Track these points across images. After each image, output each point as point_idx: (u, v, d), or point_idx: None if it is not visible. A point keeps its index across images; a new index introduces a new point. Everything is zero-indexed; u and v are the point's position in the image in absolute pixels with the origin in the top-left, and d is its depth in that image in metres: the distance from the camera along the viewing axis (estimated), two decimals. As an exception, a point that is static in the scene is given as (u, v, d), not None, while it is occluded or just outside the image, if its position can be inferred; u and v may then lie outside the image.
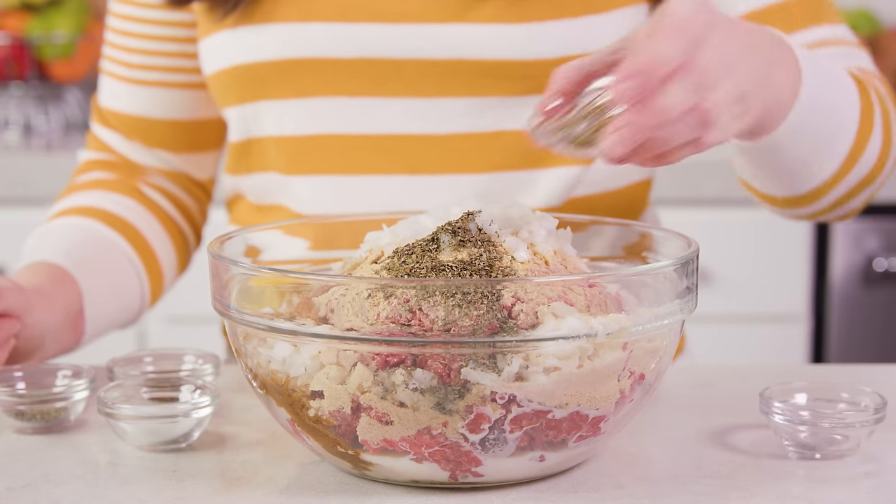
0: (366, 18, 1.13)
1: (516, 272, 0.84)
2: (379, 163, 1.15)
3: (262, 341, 0.86)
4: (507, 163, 1.16)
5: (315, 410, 0.84)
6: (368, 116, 1.15)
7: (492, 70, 1.13)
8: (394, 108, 1.14)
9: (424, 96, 1.14)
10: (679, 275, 0.86)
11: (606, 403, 0.83)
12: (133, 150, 1.28)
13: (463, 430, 0.81)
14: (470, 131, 1.15)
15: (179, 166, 1.29)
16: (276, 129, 1.18)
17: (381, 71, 1.13)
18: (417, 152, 1.15)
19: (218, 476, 0.88)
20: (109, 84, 1.28)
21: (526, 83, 1.13)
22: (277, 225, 1.05)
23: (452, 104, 1.14)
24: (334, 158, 1.16)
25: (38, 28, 2.49)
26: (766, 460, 0.90)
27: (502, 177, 1.16)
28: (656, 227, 0.99)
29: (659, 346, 0.86)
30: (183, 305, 2.21)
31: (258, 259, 1.00)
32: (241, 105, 1.19)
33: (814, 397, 0.94)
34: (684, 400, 1.04)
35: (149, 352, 1.06)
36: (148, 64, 1.25)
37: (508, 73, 1.13)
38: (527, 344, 0.80)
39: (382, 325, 0.80)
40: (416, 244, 0.86)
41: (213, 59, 1.19)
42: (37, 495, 0.85)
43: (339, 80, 1.14)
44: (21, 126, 2.42)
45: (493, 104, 1.14)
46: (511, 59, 1.12)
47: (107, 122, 1.28)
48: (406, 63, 1.13)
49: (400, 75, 1.13)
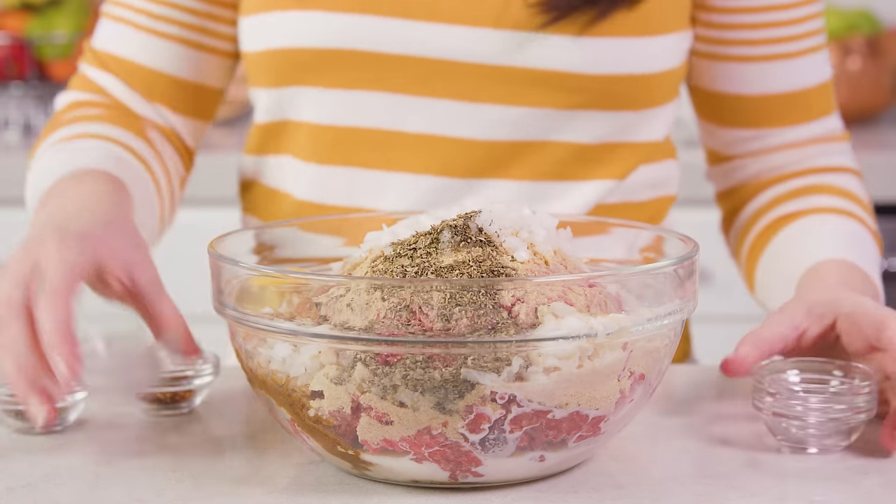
0: (421, 17, 1.12)
1: (516, 272, 0.84)
2: (414, 162, 1.15)
3: (262, 341, 0.86)
4: (546, 173, 1.16)
5: (315, 410, 0.84)
6: (409, 114, 1.14)
7: (542, 80, 1.12)
8: (436, 108, 1.14)
9: (469, 100, 1.13)
10: (679, 275, 0.86)
11: (606, 403, 0.83)
12: (132, 99, 1.22)
13: (463, 430, 0.81)
14: (512, 139, 1.14)
15: (175, 126, 1.24)
16: (311, 117, 1.17)
17: (428, 70, 1.13)
18: (455, 155, 1.14)
19: (218, 476, 0.88)
20: (119, 30, 1.22)
21: (575, 96, 1.13)
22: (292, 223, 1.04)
23: (497, 111, 1.13)
24: (369, 153, 1.15)
25: (37, 28, 2.49)
26: (766, 460, 0.90)
27: (538, 186, 1.16)
28: (656, 227, 0.99)
29: (659, 346, 0.86)
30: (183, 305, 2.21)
31: (272, 256, 1.00)
32: (277, 88, 1.18)
33: (806, 378, 0.94)
34: (684, 399, 1.04)
35: (149, 352, 1.05)
36: (173, 17, 1.20)
37: (559, 84, 1.13)
38: (527, 344, 0.80)
39: (382, 325, 0.80)
40: (416, 244, 0.86)
41: (257, 37, 1.17)
42: (37, 495, 0.85)
43: (384, 75, 1.13)
44: (21, 126, 2.42)
45: (539, 115, 1.14)
46: (563, 70, 1.12)
47: (105, 65, 1.22)
48: (455, 65, 1.12)
49: (448, 77, 1.13)
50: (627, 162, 1.18)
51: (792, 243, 1.16)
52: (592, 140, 1.16)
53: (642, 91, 1.15)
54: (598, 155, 1.16)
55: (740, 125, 1.23)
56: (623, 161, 1.18)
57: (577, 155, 1.16)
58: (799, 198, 1.20)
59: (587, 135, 1.15)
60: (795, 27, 1.20)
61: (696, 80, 1.23)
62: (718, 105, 1.23)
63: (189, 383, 1.01)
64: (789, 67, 1.21)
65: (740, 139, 1.24)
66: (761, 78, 1.21)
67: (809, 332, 0.97)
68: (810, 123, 1.23)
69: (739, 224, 1.25)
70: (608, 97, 1.14)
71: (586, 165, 1.16)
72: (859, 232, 1.16)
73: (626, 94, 1.15)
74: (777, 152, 1.23)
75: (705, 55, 1.21)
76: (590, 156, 1.16)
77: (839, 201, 1.18)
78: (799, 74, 1.21)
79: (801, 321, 0.97)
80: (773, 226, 1.19)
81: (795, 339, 0.97)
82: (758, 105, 1.22)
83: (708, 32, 1.20)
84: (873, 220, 1.20)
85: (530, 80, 1.13)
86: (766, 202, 1.22)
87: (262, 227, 1.02)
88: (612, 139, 1.16)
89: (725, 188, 1.27)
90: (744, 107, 1.22)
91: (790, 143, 1.23)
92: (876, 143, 2.43)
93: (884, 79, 2.59)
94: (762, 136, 1.23)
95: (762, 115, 1.22)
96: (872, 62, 2.56)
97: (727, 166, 1.26)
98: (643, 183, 1.20)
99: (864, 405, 0.90)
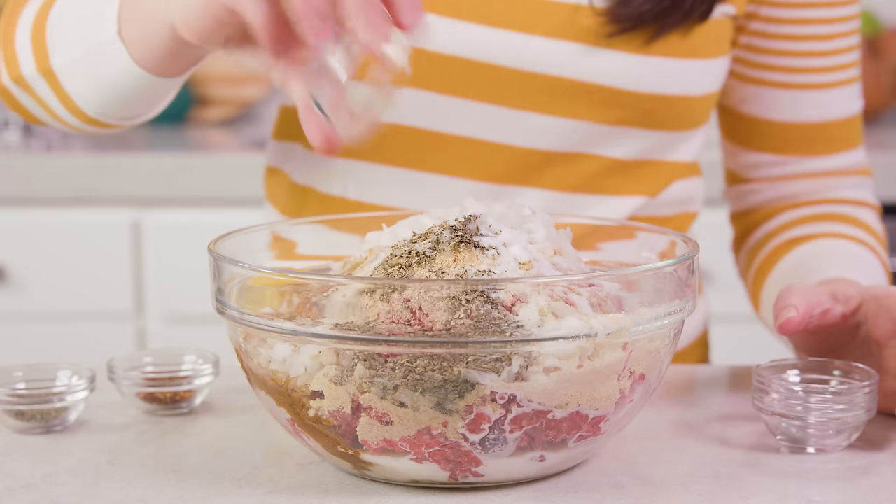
0: (474, 18, 1.11)
1: (516, 272, 0.84)
2: (449, 164, 1.15)
3: (262, 341, 0.86)
4: (581, 185, 1.16)
5: (315, 410, 0.84)
6: (449, 115, 1.14)
7: (587, 94, 1.12)
8: (477, 112, 1.13)
9: (512, 107, 1.13)
10: (679, 275, 0.86)
11: (606, 403, 0.83)
12: None
13: (463, 430, 0.81)
14: (550, 149, 1.14)
15: None
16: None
17: (474, 73, 1.12)
18: (492, 160, 1.14)
19: (218, 476, 0.88)
20: None
21: (618, 112, 1.13)
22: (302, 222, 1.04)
23: (538, 119, 1.13)
24: (404, 151, 1.15)
25: (38, 28, 2.49)
26: (766, 460, 0.90)
27: (571, 197, 1.16)
28: (656, 227, 0.99)
29: (659, 346, 0.86)
30: (183, 305, 2.21)
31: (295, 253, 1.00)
32: None
33: (806, 378, 0.94)
34: (684, 400, 1.04)
35: (149, 351, 1.06)
36: None
37: (603, 99, 1.13)
38: (527, 344, 0.80)
39: (382, 325, 0.80)
40: (416, 244, 0.86)
41: None
42: (37, 495, 0.85)
43: (427, 74, 1.12)
44: (21, 126, 2.42)
45: (580, 128, 1.14)
46: (609, 86, 1.12)
47: None
48: (502, 70, 1.12)
49: (493, 81, 1.12)
50: (660, 180, 1.18)
51: (800, 264, 1.16)
52: (628, 156, 1.16)
53: (683, 112, 1.16)
54: (633, 171, 1.17)
55: (763, 150, 1.23)
56: (656, 179, 1.18)
57: (612, 169, 1.16)
58: (812, 223, 1.20)
59: (624, 151, 1.16)
60: (832, 58, 1.20)
61: (725, 99, 1.24)
62: (744, 127, 1.24)
63: (189, 383, 1.01)
64: (820, 98, 1.21)
65: (761, 164, 1.24)
66: (790, 105, 1.21)
67: (833, 313, 0.97)
68: (833, 156, 1.23)
69: (749, 245, 1.25)
70: (650, 116, 1.14)
71: (620, 180, 1.17)
72: (870, 260, 1.15)
73: (668, 114, 1.15)
74: (795, 180, 1.23)
75: (739, 76, 1.22)
76: (624, 171, 1.16)
77: (853, 230, 1.18)
78: (828, 106, 1.22)
79: (826, 300, 0.97)
80: (783, 247, 1.19)
81: (826, 311, 0.96)
82: (783, 132, 1.22)
83: (746, 55, 1.20)
84: (886, 254, 1.19)
85: (575, 93, 1.12)
86: (778, 225, 1.22)
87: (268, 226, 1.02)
88: (648, 157, 1.17)
89: (739, 209, 1.28)
90: (769, 132, 1.22)
91: (809, 172, 1.23)
92: (876, 143, 2.43)
93: (884, 79, 2.59)
94: (783, 163, 1.23)
95: (786, 142, 1.22)
96: (872, 62, 2.56)
97: (744, 188, 1.26)
98: (671, 199, 1.20)
99: (863, 405, 0.90)
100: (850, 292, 0.97)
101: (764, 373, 0.93)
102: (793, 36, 1.19)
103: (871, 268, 1.14)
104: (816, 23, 1.19)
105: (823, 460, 0.90)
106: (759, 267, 1.21)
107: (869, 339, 0.97)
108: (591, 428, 0.84)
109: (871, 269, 1.14)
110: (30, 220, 2.20)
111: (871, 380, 0.91)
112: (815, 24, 1.19)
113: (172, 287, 2.20)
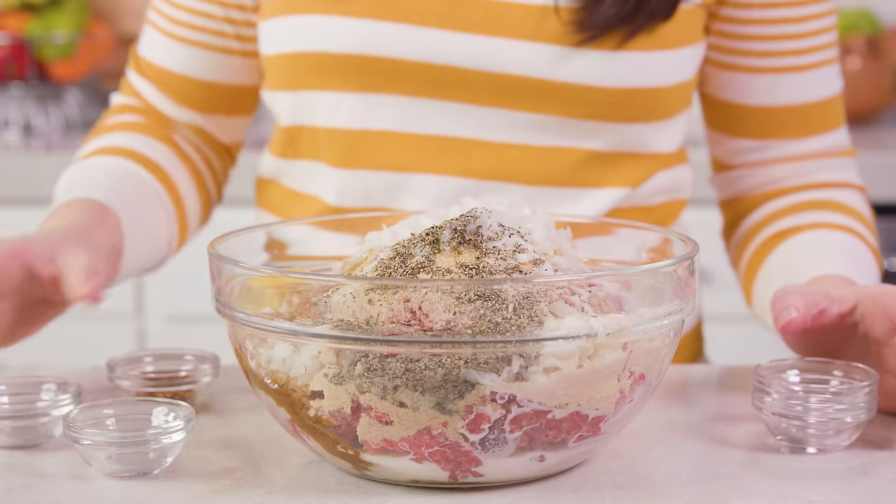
0: (437, 24, 1.13)
1: (516, 272, 0.84)
2: (431, 162, 1.16)
3: (262, 341, 0.86)
4: (560, 178, 1.16)
5: (315, 410, 0.84)
6: (425, 117, 1.15)
7: (557, 92, 1.13)
8: (452, 111, 1.14)
9: (483, 105, 1.14)
10: (679, 275, 0.86)
11: (606, 403, 0.83)
12: (163, 103, 1.27)
13: (463, 430, 0.81)
14: (526, 143, 1.15)
15: (206, 126, 1.28)
16: (329, 121, 1.17)
17: (446, 77, 1.13)
18: (470, 155, 1.15)
19: (218, 476, 0.88)
20: (150, 34, 1.27)
21: (589, 108, 1.14)
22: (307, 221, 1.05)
23: (512, 116, 1.14)
24: (386, 155, 1.16)
25: (38, 28, 2.49)
26: (766, 460, 0.90)
27: (552, 191, 1.16)
28: (656, 227, 0.99)
29: (659, 346, 0.86)
30: (183, 305, 2.21)
31: (286, 254, 1.00)
32: (296, 91, 1.18)
33: (806, 378, 0.94)
34: (684, 399, 1.04)
35: (149, 352, 1.05)
36: (191, 23, 1.23)
37: (573, 96, 1.13)
38: (527, 344, 0.80)
39: (382, 325, 0.80)
40: (416, 244, 0.86)
41: (276, 42, 1.18)
42: (37, 495, 0.85)
43: (401, 80, 1.14)
44: (21, 126, 2.42)
45: (554, 123, 1.14)
46: (578, 83, 1.13)
47: (142, 70, 1.27)
48: (472, 73, 1.13)
49: (462, 84, 1.13)
50: (641, 171, 1.18)
51: (790, 258, 1.15)
52: (606, 148, 1.16)
53: (654, 103, 1.16)
54: (612, 162, 1.17)
55: (744, 135, 1.23)
56: (636, 169, 1.18)
57: (591, 161, 1.16)
58: (799, 213, 1.20)
59: (600, 143, 1.16)
60: (806, 40, 1.20)
61: (704, 87, 1.24)
62: (724, 114, 1.24)
63: (189, 383, 1.01)
64: (797, 80, 1.21)
65: (743, 149, 1.24)
66: (768, 89, 1.21)
67: (829, 313, 0.96)
68: (814, 137, 1.23)
69: (739, 236, 1.25)
70: (621, 109, 1.15)
71: (600, 172, 1.17)
72: (859, 249, 1.15)
73: (639, 107, 1.15)
74: (777, 164, 1.23)
75: (715, 63, 1.22)
76: (603, 163, 1.17)
77: (839, 217, 1.18)
78: (806, 88, 1.21)
79: (822, 300, 0.97)
80: (772, 241, 1.19)
81: (823, 311, 0.96)
82: (762, 116, 1.22)
83: (720, 42, 1.20)
84: (874, 236, 1.19)
85: (545, 92, 1.13)
86: (765, 216, 1.22)
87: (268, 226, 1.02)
88: (626, 148, 1.17)
89: (727, 197, 1.28)
90: (748, 117, 1.22)
91: (791, 156, 1.23)
92: (876, 143, 2.44)
93: (884, 79, 2.59)
94: (764, 148, 1.23)
95: (766, 126, 1.22)
96: (872, 62, 2.56)
97: (729, 175, 1.26)
98: (655, 189, 1.20)
99: (864, 405, 0.90)
100: (844, 292, 0.97)
101: (764, 373, 0.93)
102: (764, 20, 1.19)
103: (861, 258, 1.14)
104: (788, 5, 1.19)
105: (823, 460, 0.90)
106: (749, 262, 1.21)
107: (867, 339, 0.97)
108: (591, 428, 0.84)
109: (861, 260, 1.14)
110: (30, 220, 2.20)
111: (871, 380, 0.91)
112: (786, 7, 1.19)
113: (172, 287, 2.20)
